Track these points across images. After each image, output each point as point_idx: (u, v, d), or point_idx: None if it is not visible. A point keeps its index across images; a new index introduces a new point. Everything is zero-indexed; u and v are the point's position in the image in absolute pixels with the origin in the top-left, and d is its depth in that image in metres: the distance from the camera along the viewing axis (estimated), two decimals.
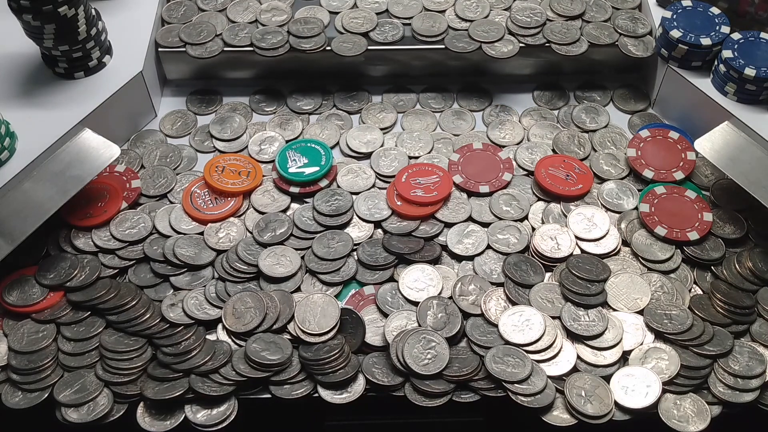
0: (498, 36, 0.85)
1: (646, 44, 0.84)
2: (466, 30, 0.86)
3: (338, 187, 0.79)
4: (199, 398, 0.67)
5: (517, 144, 0.82)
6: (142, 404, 0.67)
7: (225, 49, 0.84)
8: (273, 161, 0.80)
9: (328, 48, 0.84)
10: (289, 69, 0.87)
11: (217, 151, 0.83)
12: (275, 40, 0.84)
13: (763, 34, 0.77)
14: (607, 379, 0.67)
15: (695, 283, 0.73)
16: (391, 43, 0.85)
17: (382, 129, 0.83)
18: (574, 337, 0.69)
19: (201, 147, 0.83)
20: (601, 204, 0.77)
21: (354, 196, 0.77)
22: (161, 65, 0.87)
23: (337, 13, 0.87)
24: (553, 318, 0.70)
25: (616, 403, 0.66)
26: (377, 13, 0.87)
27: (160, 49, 0.85)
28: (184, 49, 0.84)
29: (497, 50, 0.84)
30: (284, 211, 0.77)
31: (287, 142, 0.82)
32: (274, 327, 0.69)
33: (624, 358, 0.68)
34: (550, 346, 0.68)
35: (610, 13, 0.87)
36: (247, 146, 0.82)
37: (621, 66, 0.88)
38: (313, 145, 0.81)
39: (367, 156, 0.81)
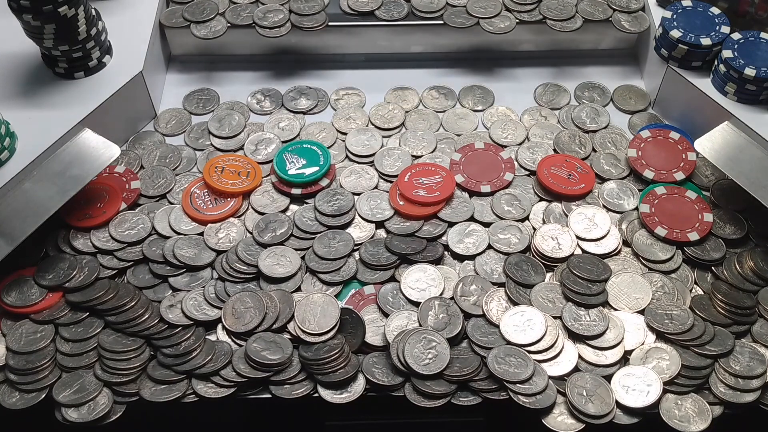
0: (495, 12, 0.87)
1: (639, 20, 0.86)
2: (464, 6, 0.87)
3: (340, 186, 0.78)
4: (200, 400, 0.67)
5: (519, 144, 0.82)
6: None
7: (228, 26, 0.86)
8: (268, 162, 0.80)
9: (330, 24, 0.86)
10: (291, 46, 0.89)
11: (212, 147, 0.82)
12: (276, 19, 0.86)
13: (763, 34, 0.77)
14: (608, 378, 0.67)
15: (696, 283, 0.73)
16: (397, 20, 0.87)
17: (386, 129, 0.84)
18: (575, 337, 0.69)
19: (196, 144, 0.83)
20: (602, 204, 0.77)
21: (356, 196, 0.77)
22: (166, 42, 0.88)
23: None
24: (555, 318, 0.70)
25: (618, 403, 0.66)
26: None
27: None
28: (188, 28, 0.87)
29: (494, 26, 0.86)
30: (283, 211, 0.77)
31: (284, 143, 0.82)
32: (274, 327, 0.69)
33: (625, 358, 0.68)
34: (552, 346, 0.68)
35: None
36: (243, 145, 0.82)
37: (616, 51, 0.91)
38: (309, 146, 0.80)
39: (371, 159, 0.81)
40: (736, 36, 0.78)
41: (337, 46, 0.90)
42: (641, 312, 0.70)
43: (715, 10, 0.81)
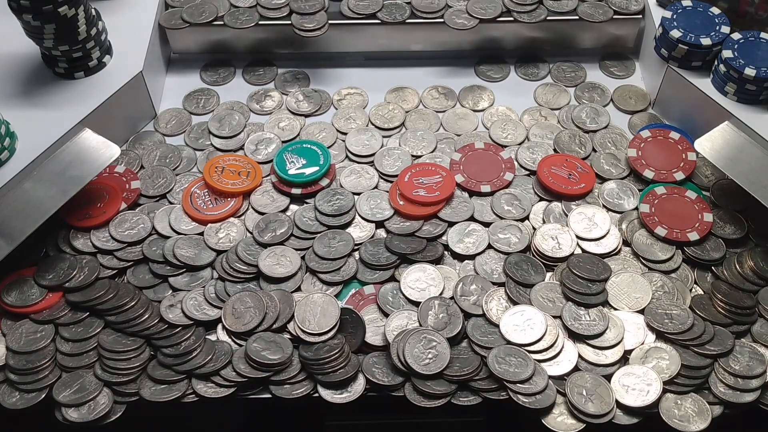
0: (495, 13, 0.87)
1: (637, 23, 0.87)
2: (465, 6, 0.88)
3: (340, 186, 0.78)
4: (200, 400, 0.67)
5: (519, 144, 0.82)
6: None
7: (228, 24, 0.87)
8: (268, 162, 0.80)
9: (331, 22, 0.86)
10: (288, 42, 0.90)
11: (212, 147, 0.83)
12: (277, 16, 0.87)
13: (763, 34, 0.77)
14: (608, 378, 0.67)
15: (696, 283, 0.73)
16: (399, 23, 0.87)
17: (386, 129, 0.84)
18: (575, 336, 0.69)
19: (196, 144, 0.83)
20: (602, 204, 0.77)
21: (356, 196, 0.77)
22: (166, 42, 0.89)
23: None
24: (555, 317, 0.70)
25: (617, 403, 0.66)
26: None
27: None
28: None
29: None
30: (283, 211, 0.77)
31: (284, 143, 0.82)
32: (274, 327, 0.69)
33: (625, 358, 0.68)
34: (552, 345, 0.68)
35: None
36: (243, 145, 0.82)
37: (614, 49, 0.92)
38: (309, 146, 0.80)
39: (371, 159, 0.81)
40: (736, 36, 0.78)
41: (337, 42, 0.90)
42: (641, 312, 0.70)
43: (715, 10, 0.81)
